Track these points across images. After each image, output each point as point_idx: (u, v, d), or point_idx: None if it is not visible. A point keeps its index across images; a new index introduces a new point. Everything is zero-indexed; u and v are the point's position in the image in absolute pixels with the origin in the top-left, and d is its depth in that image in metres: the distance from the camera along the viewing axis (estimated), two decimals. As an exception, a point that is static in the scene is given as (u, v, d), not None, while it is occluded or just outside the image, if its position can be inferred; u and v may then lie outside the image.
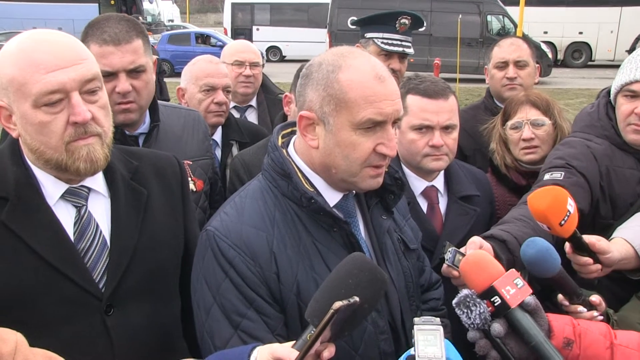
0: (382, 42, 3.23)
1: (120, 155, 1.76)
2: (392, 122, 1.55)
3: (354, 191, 1.69)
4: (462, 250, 1.76)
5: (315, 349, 1.25)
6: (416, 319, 1.29)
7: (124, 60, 2.12)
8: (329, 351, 1.28)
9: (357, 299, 1.22)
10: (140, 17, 23.41)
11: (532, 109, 2.64)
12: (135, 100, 2.19)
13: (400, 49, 3.24)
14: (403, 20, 3.23)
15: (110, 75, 2.10)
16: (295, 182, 1.56)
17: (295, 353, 1.23)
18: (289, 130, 1.75)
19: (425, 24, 4.24)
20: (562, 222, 1.69)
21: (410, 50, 3.30)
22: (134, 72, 2.16)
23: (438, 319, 1.30)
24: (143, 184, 1.77)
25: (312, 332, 1.24)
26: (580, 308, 1.74)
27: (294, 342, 1.29)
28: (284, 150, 1.65)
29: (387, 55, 3.23)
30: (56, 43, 1.52)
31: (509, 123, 2.70)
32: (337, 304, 1.18)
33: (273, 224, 1.57)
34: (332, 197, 1.63)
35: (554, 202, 1.70)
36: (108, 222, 1.66)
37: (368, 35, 3.30)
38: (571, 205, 1.71)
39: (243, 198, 1.65)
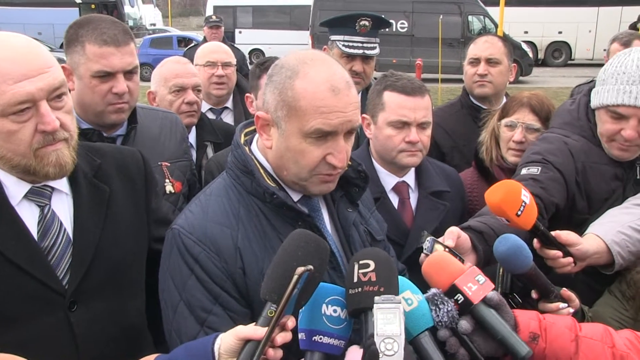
0: (343, 45, 3.22)
1: (83, 152, 1.75)
2: (345, 133, 1.55)
3: None
4: (440, 239, 1.76)
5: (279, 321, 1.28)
6: (376, 298, 1.29)
7: (123, 61, 2.18)
8: (292, 321, 1.32)
9: (311, 267, 1.28)
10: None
11: (530, 113, 2.62)
12: (128, 100, 2.24)
13: (361, 51, 3.21)
14: (363, 22, 3.21)
15: (107, 76, 2.14)
16: (258, 179, 1.58)
17: (260, 329, 1.26)
18: (252, 128, 1.77)
19: (391, 24, 4.22)
20: (519, 213, 1.70)
21: (373, 52, 3.25)
22: (130, 73, 2.21)
23: (399, 297, 1.31)
24: (105, 181, 1.77)
25: (272, 308, 1.27)
26: (562, 305, 1.74)
27: (255, 322, 1.31)
28: (247, 148, 1.67)
29: (349, 57, 3.21)
30: (21, 50, 1.49)
31: (504, 120, 2.69)
32: (300, 269, 1.26)
33: (238, 220, 1.59)
34: (295, 193, 1.64)
35: (507, 193, 1.71)
36: (71, 220, 1.66)
37: (332, 37, 3.31)
38: (526, 196, 1.73)
39: (208, 196, 1.67)
